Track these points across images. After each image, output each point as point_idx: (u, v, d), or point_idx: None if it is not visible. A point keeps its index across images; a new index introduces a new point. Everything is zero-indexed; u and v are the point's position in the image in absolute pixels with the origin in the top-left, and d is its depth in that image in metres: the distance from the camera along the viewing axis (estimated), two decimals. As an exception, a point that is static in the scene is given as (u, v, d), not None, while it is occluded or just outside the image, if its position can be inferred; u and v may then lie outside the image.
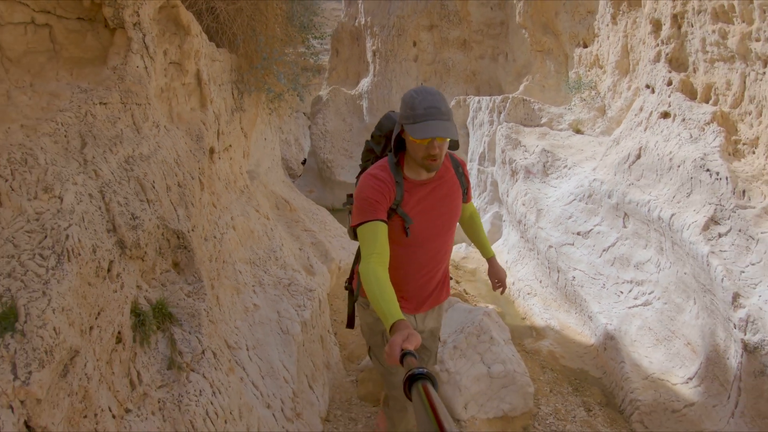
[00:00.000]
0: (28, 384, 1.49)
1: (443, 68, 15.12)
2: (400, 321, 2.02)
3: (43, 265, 1.87)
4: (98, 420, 1.89)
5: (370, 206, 2.42)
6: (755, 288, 4.34)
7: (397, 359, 1.81)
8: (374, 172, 2.53)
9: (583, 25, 10.96)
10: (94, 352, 1.96)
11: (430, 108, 2.31)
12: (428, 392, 1.38)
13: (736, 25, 5.63)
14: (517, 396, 4.03)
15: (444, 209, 2.66)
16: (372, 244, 2.35)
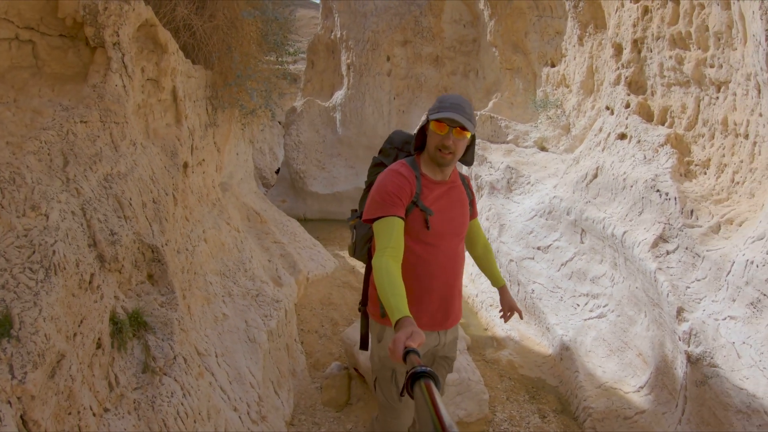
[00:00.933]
0: (24, 383, 1.72)
1: (416, 83, 15.46)
2: (406, 318, 2.05)
3: (33, 278, 2.09)
4: (81, 417, 2.12)
5: (390, 200, 2.48)
6: (699, 303, 4.66)
7: (400, 356, 1.83)
8: (395, 167, 2.62)
9: (552, 45, 11.34)
10: (77, 356, 2.19)
11: (454, 104, 2.50)
12: (431, 390, 1.41)
13: (692, 52, 5.99)
14: (472, 403, 4.31)
15: (457, 212, 2.74)
16: (387, 238, 2.39)
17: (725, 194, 5.38)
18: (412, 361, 1.70)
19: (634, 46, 7.29)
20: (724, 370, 4.06)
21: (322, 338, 6.04)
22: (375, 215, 2.48)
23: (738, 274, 4.36)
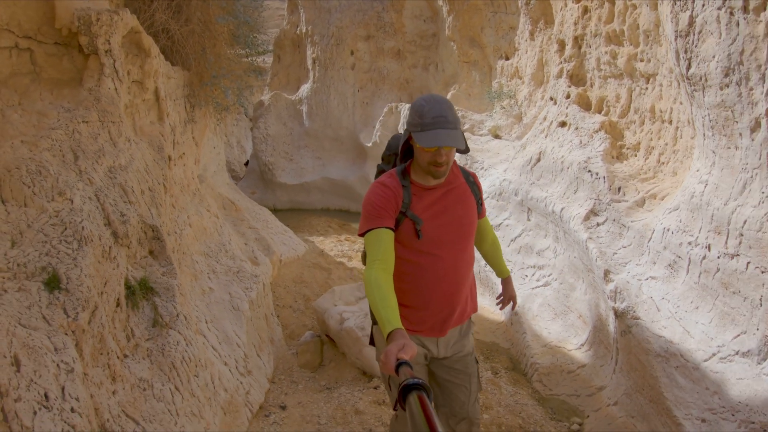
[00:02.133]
0: (77, 320, 2.27)
1: (378, 76, 16.00)
2: (398, 330, 2.03)
3: (70, 247, 2.64)
4: (109, 358, 2.67)
5: (376, 213, 2.44)
6: (625, 266, 5.34)
7: (392, 368, 1.82)
8: (381, 179, 2.57)
9: (506, 40, 11.97)
10: (105, 310, 2.74)
11: (437, 117, 2.36)
12: (423, 402, 1.42)
13: (625, 48, 6.68)
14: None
15: (456, 215, 2.63)
16: (376, 250, 2.36)
17: (652, 173, 6.08)
18: (405, 373, 1.71)
19: (575, 42, 7.97)
20: (645, 321, 4.72)
21: (295, 312, 6.63)
22: (364, 229, 2.46)
23: (657, 240, 5.05)
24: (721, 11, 3.87)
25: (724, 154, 4.21)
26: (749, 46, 3.64)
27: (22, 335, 2.01)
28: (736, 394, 3.65)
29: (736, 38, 3.75)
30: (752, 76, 3.65)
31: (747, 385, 3.62)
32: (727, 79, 3.89)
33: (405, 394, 1.51)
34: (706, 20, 4.10)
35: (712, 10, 3.97)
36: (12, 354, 1.89)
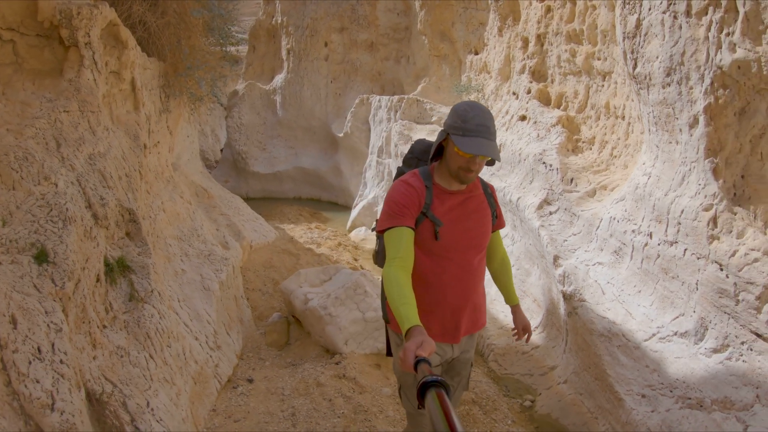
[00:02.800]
0: (63, 288, 2.57)
1: (351, 68, 16.27)
2: (416, 327, 2.04)
3: (56, 226, 2.92)
4: (90, 327, 2.97)
5: (399, 211, 2.45)
6: (574, 252, 5.74)
7: (411, 366, 1.82)
8: (405, 178, 2.59)
9: (476, 35, 12.34)
10: (87, 283, 3.03)
11: (480, 126, 2.39)
12: (442, 399, 1.41)
13: (584, 46, 7.07)
14: (388, 338, 5.27)
15: (473, 223, 2.66)
16: (396, 248, 2.36)
17: (604, 166, 6.49)
18: (423, 371, 1.70)
19: (538, 40, 8.35)
20: (590, 303, 5.10)
21: (264, 295, 6.94)
22: (384, 226, 2.47)
23: (604, 228, 5.44)
24: (666, 15, 4.23)
25: (666, 149, 4.60)
26: (690, 48, 3.99)
27: (17, 299, 2.31)
28: (674, 372, 4.01)
29: (678, 40, 4.11)
30: (692, 75, 4.00)
31: (684, 364, 3.98)
32: (669, 78, 4.26)
33: (423, 392, 1.50)
34: (651, 23, 4.46)
35: (658, 13, 4.33)
36: (10, 314, 2.19)
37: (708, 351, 3.87)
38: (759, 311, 3.52)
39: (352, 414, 4.05)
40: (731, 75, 3.64)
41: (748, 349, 3.59)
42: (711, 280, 3.88)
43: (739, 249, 3.67)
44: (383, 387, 4.65)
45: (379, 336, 5.25)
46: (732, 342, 3.71)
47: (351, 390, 4.40)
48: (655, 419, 3.98)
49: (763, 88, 3.51)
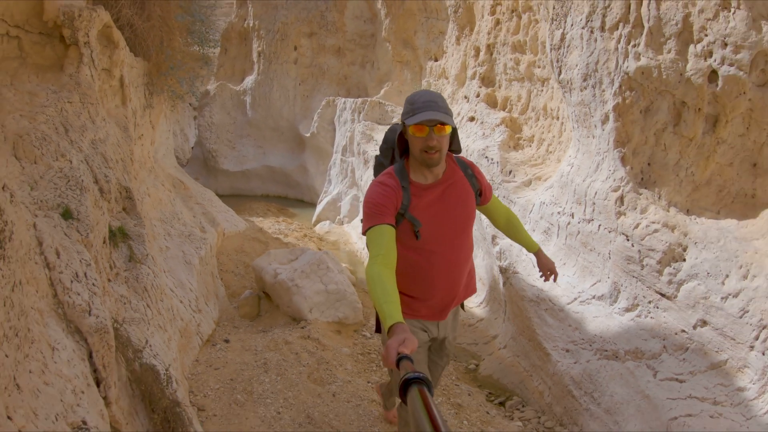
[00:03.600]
0: (87, 237, 3.20)
1: (319, 71, 16.92)
2: (399, 324, 2.04)
3: (75, 193, 3.54)
4: (100, 276, 3.59)
5: (377, 211, 2.47)
6: (510, 236, 6.55)
7: (393, 362, 1.83)
8: (380, 179, 2.60)
9: (436, 43, 13.09)
10: (97, 242, 3.66)
11: (428, 101, 2.44)
12: (425, 396, 1.41)
13: (526, 55, 7.89)
14: (348, 308, 5.97)
15: (456, 212, 2.67)
16: (378, 246, 2.38)
17: (540, 160, 7.30)
18: (405, 368, 1.71)
19: (488, 49, 9.15)
20: (522, 274, 5.83)
21: (237, 276, 7.58)
22: (366, 227, 2.49)
23: (536, 212, 6.22)
24: (584, 29, 5.02)
25: (585, 142, 5.40)
26: (603, 57, 4.79)
27: (57, 238, 2.94)
28: (593, 329, 4.79)
29: (594, 51, 4.91)
30: (604, 80, 4.80)
31: (601, 322, 4.75)
32: (586, 83, 5.05)
33: (406, 389, 1.50)
34: (573, 37, 5.26)
35: (578, 28, 5.12)
36: (54, 247, 2.82)
37: (621, 310, 4.65)
38: (661, 273, 4.31)
39: (316, 364, 4.73)
40: (636, 79, 4.45)
41: (654, 306, 4.38)
42: (620, 250, 4.67)
43: (641, 222, 4.47)
44: (343, 347, 5.35)
45: (340, 306, 5.94)
46: (641, 301, 4.50)
47: (315, 348, 5.07)
48: (577, 369, 4.72)
49: (664, 90, 4.31)
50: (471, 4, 10.44)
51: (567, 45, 5.39)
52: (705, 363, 3.99)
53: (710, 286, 3.97)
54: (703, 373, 3.97)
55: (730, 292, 3.87)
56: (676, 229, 4.26)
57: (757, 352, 3.73)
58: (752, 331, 3.74)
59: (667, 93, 4.28)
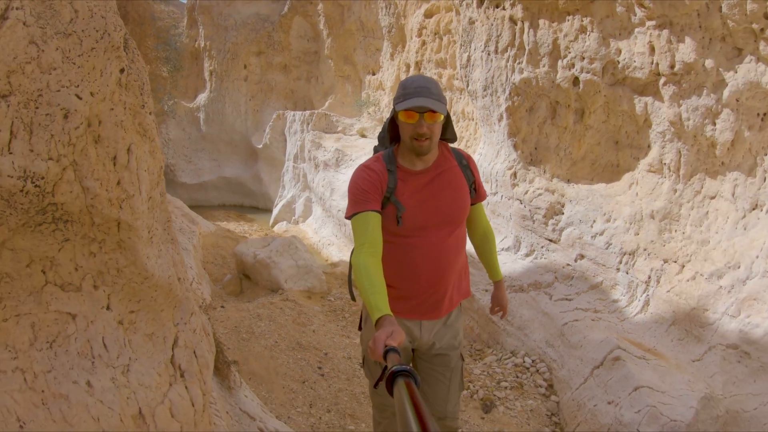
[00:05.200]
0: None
1: (268, 87, 18.08)
2: (387, 316, 1.96)
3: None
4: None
5: (362, 197, 2.32)
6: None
7: (380, 355, 1.75)
8: (366, 163, 2.46)
9: (373, 59, 14.49)
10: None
11: (420, 87, 2.28)
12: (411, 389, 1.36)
13: (447, 70, 9.37)
14: (315, 280, 7.24)
15: (446, 200, 2.49)
16: (363, 234, 2.24)
17: (462, 155, 8.81)
18: (392, 360, 1.64)
19: (417, 66, 10.60)
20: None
21: (216, 266, 8.77)
22: (350, 213, 2.33)
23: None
24: (483, 52, 6.48)
25: (488, 136, 6.87)
26: (497, 73, 6.25)
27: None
28: (504, 272, 6.13)
29: (491, 68, 6.36)
30: (498, 89, 6.25)
31: (509, 266, 6.18)
32: (486, 92, 6.50)
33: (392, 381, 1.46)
34: (475, 58, 6.72)
35: (479, 52, 6.58)
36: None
37: (522, 256, 6.08)
38: (546, 225, 5.77)
39: (297, 315, 5.98)
40: (521, 87, 5.92)
41: (546, 250, 5.83)
42: (517, 211, 6.14)
43: (529, 189, 5.94)
44: (314, 306, 6.62)
45: (308, 278, 7.21)
46: (536, 248, 5.95)
47: (293, 306, 6.32)
48: None
49: (542, 93, 5.78)
50: (402, 25, 11.87)
51: (472, 64, 6.86)
52: (586, 285, 5.46)
53: (583, 230, 5.47)
54: (585, 293, 5.43)
55: (598, 232, 5.37)
56: (556, 192, 5.75)
57: (622, 273, 5.22)
58: (616, 258, 5.23)
59: (545, 96, 5.77)
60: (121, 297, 1.85)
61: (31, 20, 1.41)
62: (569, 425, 4.44)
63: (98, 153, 1.59)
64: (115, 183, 1.65)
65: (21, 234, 1.57)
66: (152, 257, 1.86)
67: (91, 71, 1.53)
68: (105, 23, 1.58)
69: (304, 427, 3.62)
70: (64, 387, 1.76)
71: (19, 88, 1.39)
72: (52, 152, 1.46)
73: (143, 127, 1.79)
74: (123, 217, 1.69)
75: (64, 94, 1.46)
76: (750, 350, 4.15)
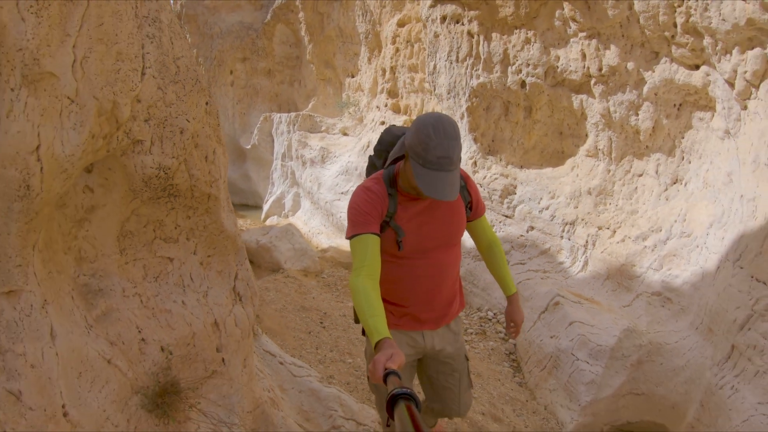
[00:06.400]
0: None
1: (253, 91, 18.82)
2: (386, 339, 1.93)
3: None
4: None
5: (362, 219, 2.28)
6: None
7: (380, 378, 1.73)
8: (367, 184, 2.40)
9: (352, 63, 15.31)
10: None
11: (442, 158, 2.10)
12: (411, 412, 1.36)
13: (419, 74, 10.33)
14: (310, 261, 8.18)
15: (442, 223, 2.46)
16: (362, 257, 2.20)
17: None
18: (393, 383, 1.63)
19: (392, 70, 11.55)
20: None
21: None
22: (350, 234, 2.29)
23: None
24: (446, 61, 7.45)
25: (456, 134, 7.90)
26: (458, 78, 7.22)
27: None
28: (469, 245, 7.08)
29: (453, 74, 7.33)
30: (460, 93, 7.22)
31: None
32: (450, 95, 7.48)
33: (393, 404, 1.46)
34: (441, 66, 7.69)
35: (443, 61, 7.55)
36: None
37: (482, 235, 7.10)
38: (502, 203, 6.77)
39: (298, 287, 6.91)
40: (479, 91, 6.90)
41: (502, 224, 6.85)
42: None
43: (487, 175, 6.93)
44: (311, 282, 7.56)
45: (304, 259, 8.15)
46: (495, 223, 6.95)
47: (294, 281, 7.24)
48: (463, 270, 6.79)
49: (496, 95, 6.77)
50: (378, 32, 12.77)
51: (438, 71, 7.84)
52: (537, 251, 6.46)
53: (532, 206, 6.48)
54: (536, 257, 6.44)
55: (544, 207, 6.38)
56: (509, 176, 6.76)
57: (565, 240, 6.23)
58: (560, 227, 6.25)
59: (498, 97, 6.77)
60: (203, 245, 2.79)
61: (157, 75, 2.34)
62: (523, 359, 5.45)
63: (198, 154, 2.54)
64: (207, 171, 2.59)
65: (146, 205, 2.51)
66: (225, 218, 2.80)
67: (191, 105, 2.47)
68: (196, 74, 2.52)
69: (313, 362, 4.58)
70: (167, 305, 2.70)
71: (154, 116, 2.33)
72: (174, 153, 2.41)
73: (218, 137, 2.74)
74: (212, 192, 2.63)
75: (179, 119, 2.40)
76: (671, 296, 5.06)
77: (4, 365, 1.91)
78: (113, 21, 2.08)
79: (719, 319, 4.27)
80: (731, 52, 4.46)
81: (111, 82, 2.07)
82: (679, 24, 4.89)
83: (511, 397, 4.78)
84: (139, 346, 2.55)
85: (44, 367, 2.02)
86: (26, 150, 1.81)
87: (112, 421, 2.39)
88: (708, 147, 5.20)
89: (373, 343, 1.96)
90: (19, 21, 1.73)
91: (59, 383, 2.09)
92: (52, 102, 1.86)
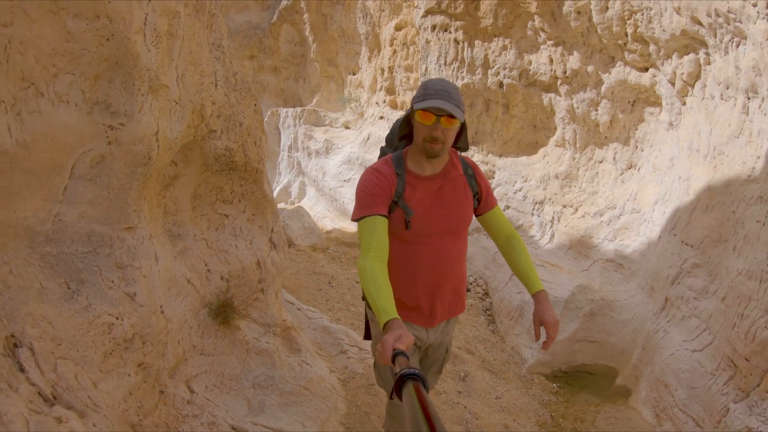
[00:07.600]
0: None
1: (260, 87, 19.44)
2: (394, 320, 1.92)
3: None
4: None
5: (370, 200, 2.25)
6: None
7: (388, 358, 1.73)
8: (376, 165, 2.38)
9: (354, 61, 16.01)
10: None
11: (441, 90, 2.20)
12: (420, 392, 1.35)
13: (414, 74, 11.26)
14: (317, 238, 9.17)
15: (450, 209, 2.42)
16: (370, 238, 2.18)
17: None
18: (401, 363, 1.64)
19: (390, 70, 12.47)
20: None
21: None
22: (357, 216, 2.27)
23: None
24: (436, 65, 8.41)
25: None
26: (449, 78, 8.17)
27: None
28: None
29: (442, 76, 8.29)
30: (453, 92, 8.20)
31: None
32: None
33: (401, 384, 1.44)
34: (431, 69, 8.65)
35: (433, 64, 8.51)
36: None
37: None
38: (481, 192, 7.76)
39: (308, 258, 7.85)
40: (463, 90, 7.86)
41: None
42: (464, 182, 8.12)
43: (470, 165, 7.93)
44: (319, 255, 8.53)
45: (312, 236, 9.13)
46: (475, 209, 7.92)
47: (304, 254, 8.18)
48: None
49: (478, 94, 7.74)
50: (377, 33, 13.65)
51: (429, 73, 8.80)
52: (509, 230, 7.46)
53: (507, 188, 7.47)
54: (508, 236, 7.42)
55: (518, 189, 7.36)
56: (489, 163, 7.74)
57: (535, 216, 7.20)
58: (531, 206, 7.22)
59: (480, 95, 7.75)
60: (250, 206, 3.79)
61: (223, 85, 3.33)
62: (497, 313, 6.45)
63: (250, 140, 3.54)
64: (256, 153, 3.59)
65: (213, 175, 3.51)
66: (267, 187, 3.81)
67: (245, 106, 3.48)
68: (248, 84, 3.53)
69: (323, 310, 5.57)
70: (224, 247, 3.69)
71: (223, 114, 3.33)
72: (235, 139, 3.41)
73: (263, 129, 3.74)
74: (259, 167, 3.63)
75: (239, 116, 3.40)
76: (623, 263, 5.88)
77: (123, 275, 2.59)
78: (197, 50, 3.08)
79: (658, 278, 5.02)
80: (671, 57, 5.12)
81: (199, 91, 3.07)
82: (629, 34, 5.58)
83: (484, 338, 5.78)
84: (206, 275, 3.55)
85: (151, 278, 2.75)
86: (150, 133, 2.56)
87: (189, 324, 3.39)
88: (657, 137, 5.93)
89: (381, 324, 1.96)
90: (147, 51, 2.46)
91: (159, 291, 2.85)
92: (165, 103, 2.67)
